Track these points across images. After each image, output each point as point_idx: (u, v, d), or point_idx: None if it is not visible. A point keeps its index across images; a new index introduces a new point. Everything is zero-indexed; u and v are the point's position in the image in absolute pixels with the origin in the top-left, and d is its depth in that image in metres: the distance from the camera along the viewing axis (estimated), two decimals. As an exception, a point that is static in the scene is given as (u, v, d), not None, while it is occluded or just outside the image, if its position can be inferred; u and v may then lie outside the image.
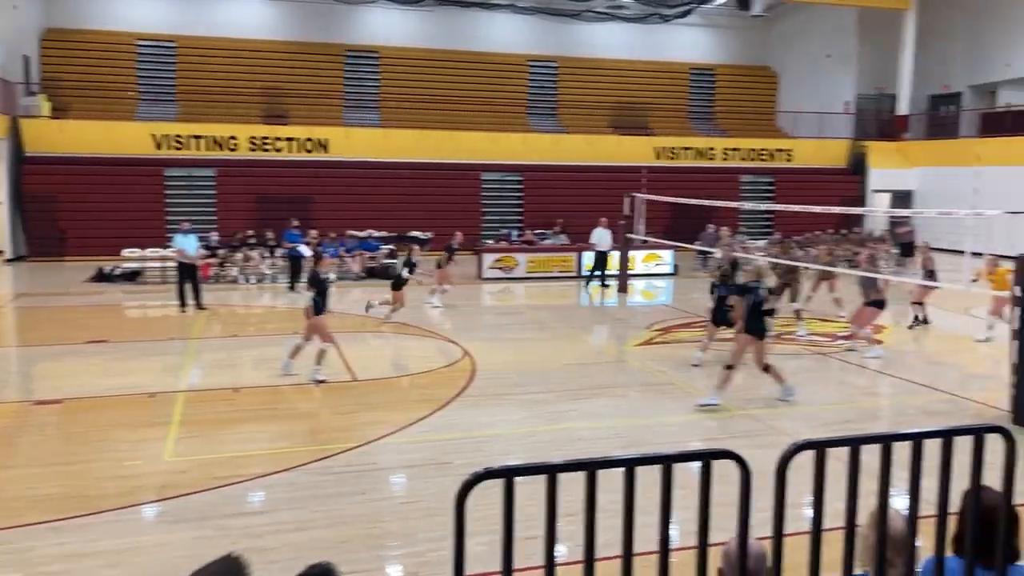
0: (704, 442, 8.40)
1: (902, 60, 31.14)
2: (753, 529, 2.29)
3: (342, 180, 26.12)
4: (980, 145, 25.19)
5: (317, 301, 10.74)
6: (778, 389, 9.90)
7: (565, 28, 33.33)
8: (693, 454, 2.24)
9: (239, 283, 20.07)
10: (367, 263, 21.49)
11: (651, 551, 2.29)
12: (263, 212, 23.99)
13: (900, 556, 2.65)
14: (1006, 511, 2.49)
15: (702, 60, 35.56)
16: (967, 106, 31.25)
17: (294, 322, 15.21)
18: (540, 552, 2.21)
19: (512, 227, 26.81)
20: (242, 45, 29.67)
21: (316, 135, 26.68)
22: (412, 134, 27.50)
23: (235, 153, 25.83)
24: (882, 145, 31.86)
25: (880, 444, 2.33)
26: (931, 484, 2.34)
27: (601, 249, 20.20)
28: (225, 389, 10.31)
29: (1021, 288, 8.87)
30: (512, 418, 9.27)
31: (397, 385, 10.72)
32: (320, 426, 8.87)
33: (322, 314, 10.80)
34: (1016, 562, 3.09)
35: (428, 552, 5.83)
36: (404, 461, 7.80)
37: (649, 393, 10.51)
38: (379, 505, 6.72)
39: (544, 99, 33.15)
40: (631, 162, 27.72)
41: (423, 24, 31.98)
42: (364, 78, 31.41)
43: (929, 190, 29.92)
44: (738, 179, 30.15)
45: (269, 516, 6.46)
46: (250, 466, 7.50)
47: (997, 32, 29.68)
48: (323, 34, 30.67)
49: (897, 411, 9.81)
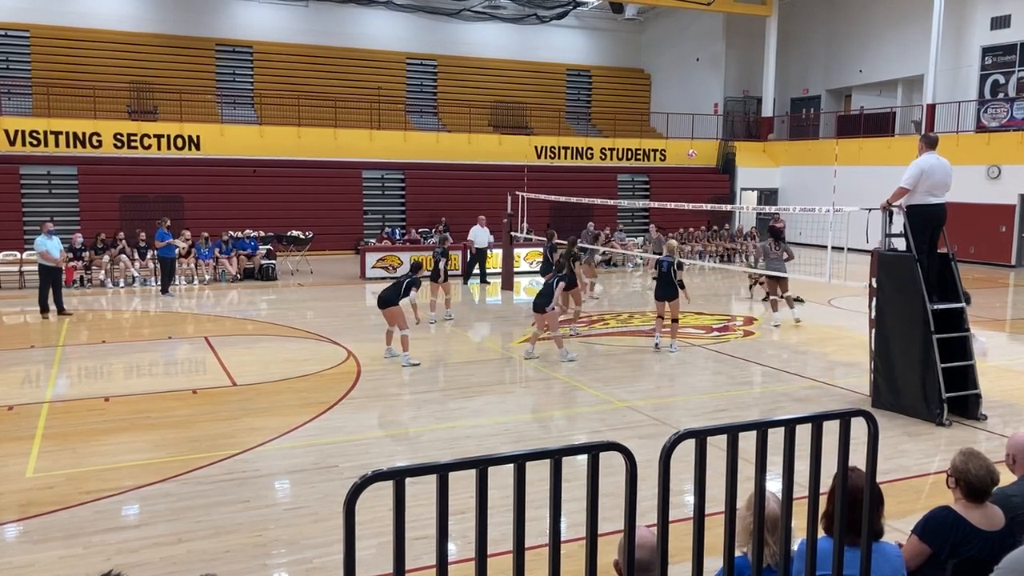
0: (590, 435, 8.58)
1: (766, 64, 32.73)
2: (641, 517, 2.35)
3: (216, 178, 25.19)
4: (837, 146, 26.72)
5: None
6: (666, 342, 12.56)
7: (444, 27, 33.32)
8: (581, 448, 2.28)
9: (107, 287, 19.08)
10: (244, 264, 20.83)
11: (542, 544, 2.33)
12: (131, 212, 22.88)
13: (775, 536, 2.79)
14: (870, 489, 2.65)
15: (578, 61, 36.32)
16: (825, 109, 33.14)
17: (168, 326, 14.61)
18: (431, 552, 2.21)
19: (395, 226, 26.59)
20: (105, 36, 28.20)
21: (187, 132, 25.62)
22: (290, 131, 26.83)
23: (99, 150, 24.48)
24: (749, 145, 33.39)
25: (756, 431, 2.44)
26: (804, 467, 2.47)
27: (479, 246, 20.32)
28: (94, 398, 9.77)
29: (877, 280, 9.48)
30: (399, 419, 9.20)
31: (279, 389, 10.44)
32: (199, 434, 8.52)
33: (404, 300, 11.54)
34: (880, 539, 3.31)
35: (315, 558, 5.71)
36: (288, 467, 7.60)
37: (535, 389, 10.64)
38: (263, 512, 6.53)
39: (424, 97, 33.05)
40: (512, 161, 27.98)
41: (298, 20, 31.30)
42: (238, 74, 30.49)
43: (792, 188, 31.58)
44: (615, 178, 30.92)
45: (145, 529, 6.16)
46: (123, 478, 7.14)
47: (851, 40, 31.62)
48: (192, 28, 29.53)
49: (769, 399, 10.31)
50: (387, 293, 11.55)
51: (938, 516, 3.82)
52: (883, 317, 9.42)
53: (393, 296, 11.49)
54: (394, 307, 11.46)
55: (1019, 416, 9.45)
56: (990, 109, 26.78)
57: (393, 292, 11.52)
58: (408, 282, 11.65)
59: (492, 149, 29.30)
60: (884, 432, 2.49)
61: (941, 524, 3.77)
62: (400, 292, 11.51)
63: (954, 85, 27.54)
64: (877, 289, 9.47)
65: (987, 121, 26.67)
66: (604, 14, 35.10)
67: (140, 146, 25.04)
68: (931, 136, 9.55)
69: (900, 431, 8.65)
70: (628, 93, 36.74)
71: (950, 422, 8.89)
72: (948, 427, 8.82)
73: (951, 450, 4.63)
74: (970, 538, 3.69)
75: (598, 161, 31.41)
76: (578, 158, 31.17)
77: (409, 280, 11.70)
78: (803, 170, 30.81)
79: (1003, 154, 24.97)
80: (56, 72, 26.49)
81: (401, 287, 11.59)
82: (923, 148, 9.20)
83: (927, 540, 3.76)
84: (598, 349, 12.99)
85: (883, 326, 9.42)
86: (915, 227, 9.13)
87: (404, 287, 11.58)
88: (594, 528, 2.29)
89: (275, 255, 21.53)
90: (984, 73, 27.39)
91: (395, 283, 11.75)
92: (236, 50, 30.48)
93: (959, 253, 10.38)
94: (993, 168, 25.10)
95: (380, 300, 11.61)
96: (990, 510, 3.79)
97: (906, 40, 28.72)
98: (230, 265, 20.48)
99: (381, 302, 11.58)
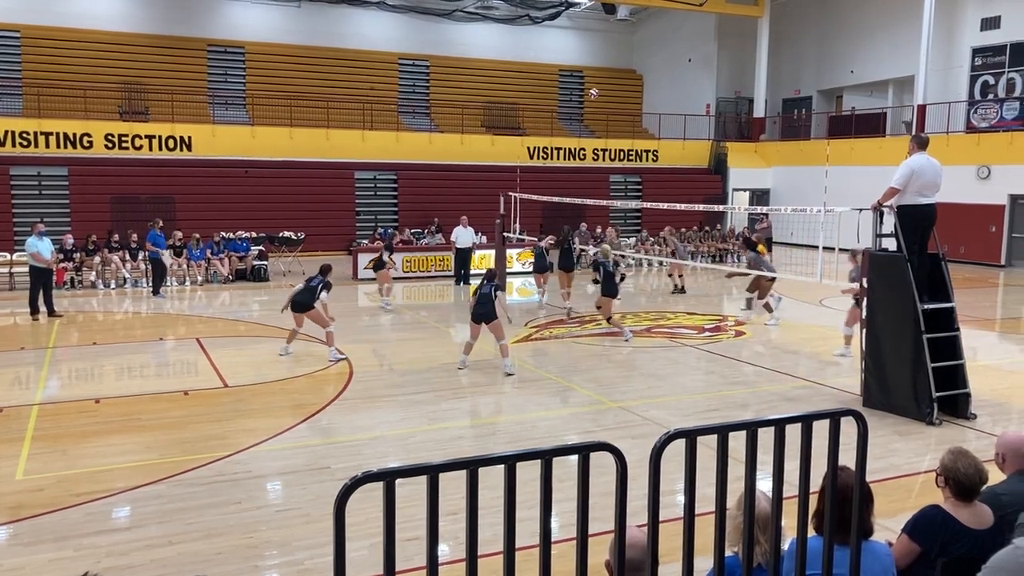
0: (581, 435, 8.58)
1: (757, 65, 32.81)
2: (631, 517, 2.36)
3: (208, 179, 25.12)
4: (828, 146, 26.84)
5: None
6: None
7: (436, 27, 33.31)
8: (572, 448, 2.29)
9: (98, 288, 19.01)
10: (236, 265, 20.78)
11: (533, 545, 2.33)
12: (122, 213, 22.80)
13: (766, 535, 2.80)
14: (859, 489, 2.66)
15: (571, 62, 36.34)
16: (816, 109, 33.24)
17: (159, 328, 14.57)
18: (422, 553, 2.20)
19: (387, 226, 26.56)
20: (95, 37, 28.10)
21: (179, 132, 25.55)
22: (282, 132, 26.78)
23: (90, 151, 24.38)
24: (741, 146, 33.47)
25: (746, 430, 2.45)
26: (794, 466, 2.48)
27: (462, 247, 20.34)
28: (85, 400, 9.74)
29: (868, 280, 9.52)
30: (391, 420, 9.19)
31: (271, 391, 10.42)
32: (190, 435, 8.50)
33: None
34: (870, 537, 3.32)
35: (307, 560, 5.70)
36: (280, 468, 7.59)
37: (527, 389, 10.64)
38: (255, 514, 6.51)
39: (416, 98, 33.03)
40: (505, 161, 27.98)
41: (290, 20, 31.25)
42: (229, 74, 30.42)
43: (784, 188, 31.67)
44: (608, 179, 30.95)
45: (136, 532, 6.15)
46: (114, 480, 7.12)
47: (842, 41, 31.73)
48: (184, 28, 29.45)
49: (760, 398, 10.33)
50: (301, 297, 11.73)
51: (928, 515, 3.84)
52: (874, 317, 9.46)
53: (308, 299, 11.69)
54: (311, 310, 11.69)
55: (1008, 415, 9.50)
56: (980, 110, 26.90)
57: (307, 295, 11.70)
58: (320, 285, 11.78)
59: (484, 150, 29.30)
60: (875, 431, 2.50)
61: (930, 523, 3.79)
62: (314, 295, 11.69)
63: (944, 86, 27.65)
64: (868, 289, 9.51)
65: (977, 122, 26.79)
66: (596, 15, 35.14)
67: (131, 147, 24.96)
68: (922, 136, 9.59)
69: (891, 430, 8.68)
70: (620, 94, 36.79)
71: (940, 421, 8.93)
72: (938, 426, 8.86)
73: (941, 449, 4.65)
74: (959, 537, 3.70)
75: (590, 162, 31.44)
76: (570, 159, 31.19)
77: (320, 283, 11.81)
78: (795, 170, 30.90)
79: (993, 154, 25.10)
80: (47, 72, 26.37)
81: (315, 291, 11.73)
82: (913, 148, 9.24)
83: (917, 539, 3.77)
84: (591, 349, 13.00)
85: (874, 326, 9.46)
86: (906, 227, 9.17)
87: (317, 290, 11.72)
88: (585, 528, 2.29)
89: (267, 256, 21.48)
90: (974, 74, 27.52)
91: (307, 287, 11.84)
92: (228, 50, 30.40)
93: (949, 253, 10.41)
94: (983, 168, 25.22)
95: (294, 304, 11.74)
96: (979, 509, 3.81)
97: (897, 41, 28.83)
98: (222, 266, 20.43)
99: (296, 306, 11.72)
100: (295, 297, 11.80)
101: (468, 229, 20.55)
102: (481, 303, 11.14)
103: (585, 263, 20.76)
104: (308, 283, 11.89)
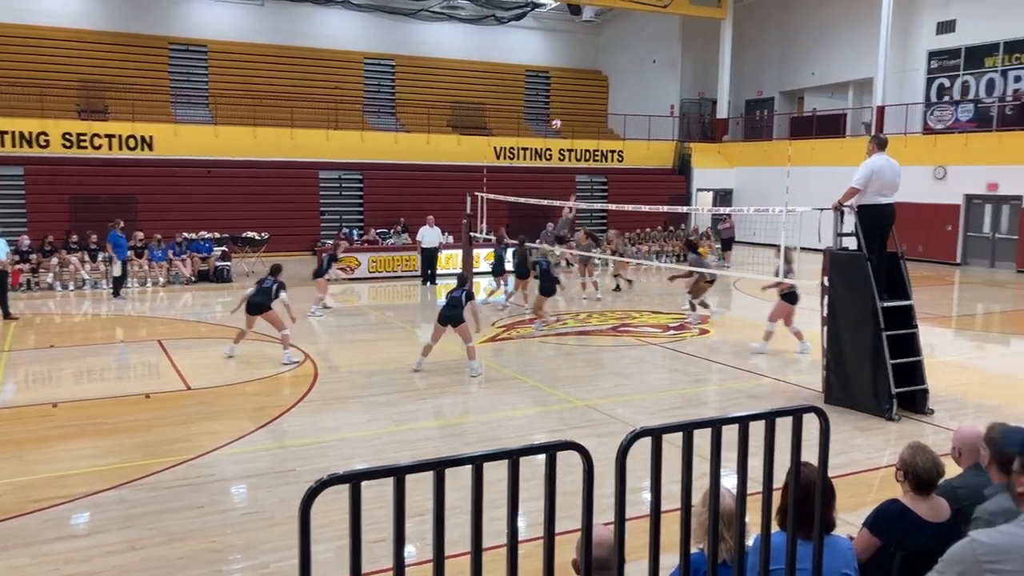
0: (547, 434, 8.61)
1: (721, 67, 33.16)
2: (598, 516, 2.37)
3: (170, 179, 24.74)
4: (790, 146, 27.21)
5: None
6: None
7: (402, 27, 33.19)
8: (539, 447, 2.29)
9: (55, 290, 18.64)
10: (199, 266, 20.51)
11: (500, 545, 2.33)
12: (81, 214, 22.36)
13: (731, 532, 2.83)
14: (822, 484, 2.70)
15: (537, 63, 36.43)
16: (778, 111, 33.67)
17: (120, 330, 14.33)
18: (389, 554, 2.19)
19: (353, 227, 26.40)
20: (53, 34, 27.57)
21: (140, 132, 25.15)
22: (245, 131, 26.48)
23: (47, 150, 23.91)
24: (705, 146, 33.80)
25: (711, 428, 2.47)
26: (757, 463, 2.51)
27: (427, 246, 20.29)
28: (43, 404, 9.54)
29: (828, 278, 9.66)
30: (356, 421, 9.14)
31: (235, 393, 10.31)
32: (152, 439, 8.37)
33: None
34: (832, 532, 3.38)
35: (272, 563, 5.65)
36: (244, 471, 7.51)
37: (494, 389, 10.64)
38: (218, 518, 6.44)
39: (382, 97, 32.87)
40: (471, 161, 27.95)
41: (253, 18, 30.94)
42: (192, 73, 30.03)
43: (747, 188, 32.03)
44: (575, 179, 31.05)
45: (96, 538, 6.04)
46: (74, 486, 6.99)
47: (803, 43, 32.18)
48: (144, 26, 29.04)
49: (723, 396, 10.44)
50: (258, 299, 11.65)
51: (887, 509, 3.91)
52: (835, 315, 9.60)
53: (264, 301, 11.64)
54: (268, 311, 11.64)
55: (964, 410, 9.70)
56: (936, 112, 27.44)
57: (263, 297, 11.64)
58: (274, 285, 11.75)
59: (451, 149, 29.24)
60: (836, 427, 2.55)
61: (890, 517, 3.86)
62: (270, 296, 11.66)
63: (902, 88, 28.18)
64: (829, 287, 9.65)
65: (933, 123, 27.32)
66: (562, 15, 35.26)
67: (90, 146, 24.52)
68: (881, 137, 9.76)
69: (851, 426, 8.83)
70: (586, 94, 36.94)
71: (899, 417, 9.10)
72: (897, 422, 9.02)
73: (900, 444, 4.74)
74: (918, 530, 3.78)
75: (557, 162, 31.52)
76: (537, 159, 31.25)
77: (273, 283, 11.78)
78: (757, 171, 31.27)
79: (948, 155, 25.62)
80: (1, 70, 25.80)
81: (269, 292, 11.68)
82: (873, 149, 9.40)
83: (877, 532, 3.84)
84: (557, 349, 13.04)
85: (835, 323, 9.61)
86: (866, 226, 9.33)
87: (272, 291, 11.69)
88: (552, 527, 2.30)
89: (230, 257, 21.23)
90: (930, 76, 28.08)
91: (260, 289, 11.76)
92: (190, 49, 30.02)
93: (907, 252, 10.61)
94: (939, 169, 25.74)
95: (251, 306, 11.66)
96: (936, 502, 3.89)
97: (856, 44, 29.30)
98: (184, 267, 20.15)
99: (252, 308, 11.64)
100: (252, 299, 11.68)
101: (434, 229, 20.51)
102: (451, 305, 11.09)
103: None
104: (260, 285, 11.81)
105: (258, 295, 11.69)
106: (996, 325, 17.02)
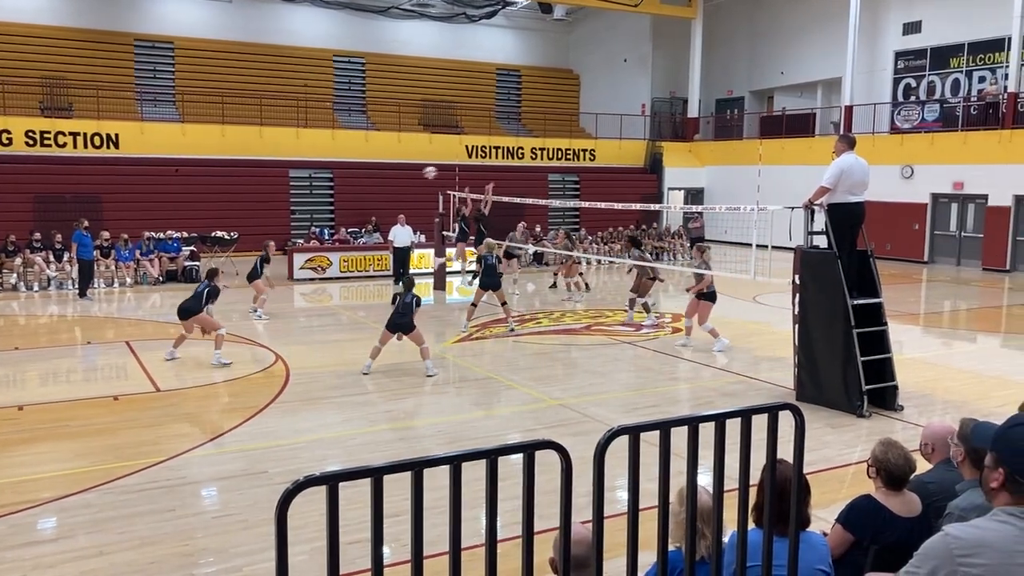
0: (523, 433, 8.60)
1: (691, 66, 33.37)
2: (576, 514, 2.37)
3: (136, 178, 24.41)
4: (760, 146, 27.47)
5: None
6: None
7: (372, 24, 33.01)
8: (517, 447, 2.28)
9: (19, 291, 18.31)
10: (167, 266, 20.25)
11: (479, 544, 2.32)
12: (45, 213, 21.98)
13: (708, 528, 2.84)
14: (797, 481, 2.72)
15: (508, 61, 36.42)
16: (748, 110, 33.96)
17: (86, 331, 14.10)
18: (365, 555, 2.17)
19: (324, 226, 26.21)
20: (15, 30, 27.06)
21: (105, 130, 24.78)
22: (213, 129, 26.19)
23: (9, 148, 23.48)
24: (676, 145, 33.99)
25: (687, 426, 2.48)
26: (733, 460, 2.52)
27: (399, 246, 20.20)
28: (7, 407, 9.36)
29: (800, 277, 9.75)
30: (329, 422, 9.07)
31: (205, 394, 10.18)
32: (121, 441, 8.24)
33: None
34: (807, 528, 3.40)
35: (245, 566, 5.58)
36: (216, 473, 7.42)
37: (468, 389, 10.62)
38: (190, 521, 6.35)
39: (352, 95, 32.68)
40: (443, 160, 27.86)
41: (221, 15, 30.60)
42: (158, 70, 29.65)
43: (717, 187, 32.27)
44: (547, 178, 31.10)
45: (64, 543, 5.93)
46: (40, 490, 6.86)
47: (773, 43, 32.49)
48: (109, 22, 28.64)
49: (697, 394, 10.50)
50: (188, 304, 11.60)
51: (860, 505, 3.95)
52: (806, 313, 9.69)
53: (195, 305, 11.58)
54: (198, 314, 11.57)
55: (933, 406, 9.85)
56: (903, 111, 27.84)
57: (195, 302, 11.58)
58: (208, 290, 11.71)
59: (422, 148, 29.12)
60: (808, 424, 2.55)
61: (862, 512, 3.90)
62: (202, 301, 11.61)
63: (870, 88, 28.55)
64: (800, 286, 9.74)
65: (900, 123, 27.72)
66: (533, 14, 35.28)
67: (55, 144, 24.11)
68: (849, 136, 9.87)
69: (823, 423, 8.92)
70: (557, 93, 36.99)
71: (870, 413, 9.21)
72: (868, 418, 9.13)
73: (871, 440, 4.79)
74: (890, 525, 3.82)
75: (529, 161, 31.53)
76: (509, 157, 31.23)
77: (206, 287, 11.74)
78: (728, 170, 31.50)
79: (915, 155, 26.00)
80: (-39, 67, 25.31)
81: (202, 297, 11.63)
82: (842, 148, 9.50)
83: (850, 528, 3.88)
84: (531, 348, 13.04)
85: (806, 321, 9.70)
86: (836, 225, 9.43)
87: (205, 296, 11.64)
88: (530, 526, 2.29)
89: (199, 256, 20.99)
90: (897, 76, 28.49)
91: (194, 294, 11.74)
92: (156, 46, 29.64)
93: (876, 250, 10.73)
94: (906, 168, 26.11)
95: (182, 311, 11.59)
96: (908, 497, 3.94)
97: (825, 44, 29.64)
98: (152, 267, 19.89)
99: (183, 313, 11.57)
100: (181, 304, 11.68)
101: (406, 228, 20.42)
102: (402, 313, 10.95)
103: (525, 261, 20.80)
104: (196, 289, 11.84)
105: (189, 300, 11.66)
106: (963, 322, 17.31)
